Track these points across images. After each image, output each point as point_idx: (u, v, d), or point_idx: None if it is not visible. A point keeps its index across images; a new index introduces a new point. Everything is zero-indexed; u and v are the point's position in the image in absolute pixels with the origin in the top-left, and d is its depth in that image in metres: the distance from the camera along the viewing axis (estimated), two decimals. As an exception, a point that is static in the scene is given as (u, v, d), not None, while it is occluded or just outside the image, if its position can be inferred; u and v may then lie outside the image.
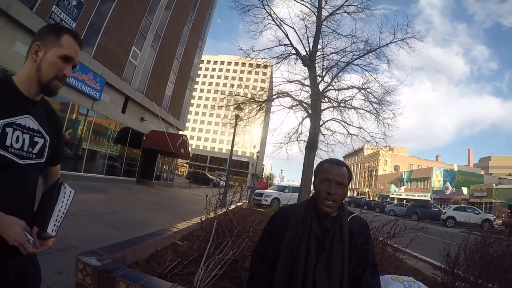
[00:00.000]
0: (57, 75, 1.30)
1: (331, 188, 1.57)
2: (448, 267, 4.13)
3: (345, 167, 1.66)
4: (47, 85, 1.30)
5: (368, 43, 12.79)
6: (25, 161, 1.26)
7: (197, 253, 3.52)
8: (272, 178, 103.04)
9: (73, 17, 12.63)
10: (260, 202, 20.64)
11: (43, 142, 1.35)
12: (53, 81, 1.30)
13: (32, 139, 1.29)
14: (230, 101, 14.97)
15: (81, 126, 14.95)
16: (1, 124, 1.18)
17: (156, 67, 21.22)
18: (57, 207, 1.23)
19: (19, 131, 1.24)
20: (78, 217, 6.64)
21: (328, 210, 1.59)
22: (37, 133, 1.32)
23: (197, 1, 26.92)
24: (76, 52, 1.35)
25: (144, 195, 14.60)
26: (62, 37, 1.31)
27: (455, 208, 27.41)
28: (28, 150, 1.28)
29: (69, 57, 1.32)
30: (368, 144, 13.91)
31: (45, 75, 1.28)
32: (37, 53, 1.28)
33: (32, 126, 1.30)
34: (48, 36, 1.30)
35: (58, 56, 1.29)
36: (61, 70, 1.30)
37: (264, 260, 1.70)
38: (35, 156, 1.31)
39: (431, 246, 5.25)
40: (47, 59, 1.28)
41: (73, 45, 1.34)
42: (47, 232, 1.19)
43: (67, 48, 1.31)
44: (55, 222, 1.21)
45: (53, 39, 1.29)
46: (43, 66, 1.27)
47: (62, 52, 1.29)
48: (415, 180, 65.29)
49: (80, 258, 2.59)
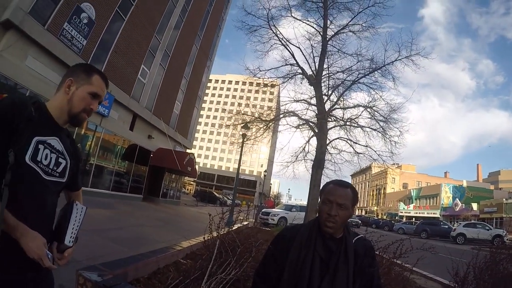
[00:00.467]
0: (85, 109, 1.46)
1: (332, 209, 1.56)
2: (457, 286, 4.02)
3: (349, 188, 1.65)
4: (76, 116, 1.46)
5: (374, 61, 12.92)
6: (49, 177, 1.37)
7: (199, 272, 3.48)
8: (279, 197, 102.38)
9: (84, 35, 12.95)
10: (267, 221, 20.46)
11: (65, 163, 1.47)
12: (82, 114, 1.46)
13: (57, 159, 1.42)
14: (237, 120, 15.05)
15: (89, 141, 15.13)
16: (35, 140, 1.31)
17: (164, 85, 21.52)
18: (72, 221, 1.39)
19: (48, 149, 1.37)
20: (84, 232, 6.58)
21: (328, 231, 1.57)
22: (61, 155, 1.44)
23: (206, 21, 27.49)
24: (103, 91, 1.53)
25: (150, 212, 14.56)
26: (93, 77, 1.48)
27: (465, 225, 26.85)
28: (53, 168, 1.39)
29: (97, 95, 1.49)
30: (375, 162, 13.82)
31: (75, 108, 1.44)
32: (70, 87, 1.44)
33: (58, 148, 1.43)
34: (80, 74, 1.47)
35: (88, 93, 1.46)
36: (89, 105, 1.47)
37: (266, 281, 1.68)
38: (58, 175, 1.43)
39: (441, 264, 5.13)
40: (78, 94, 1.44)
41: (101, 84, 1.52)
42: (65, 244, 1.35)
43: (96, 86, 1.48)
44: (71, 234, 1.38)
45: (85, 77, 1.47)
46: (74, 99, 1.44)
47: (92, 89, 1.47)
48: (424, 197, 64.30)
49: (81, 273, 2.58)
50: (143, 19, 17.64)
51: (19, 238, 1.21)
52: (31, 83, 10.94)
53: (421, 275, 7.22)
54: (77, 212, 1.42)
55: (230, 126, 15.60)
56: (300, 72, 13.71)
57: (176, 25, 21.91)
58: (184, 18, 22.95)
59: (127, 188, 18.63)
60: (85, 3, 12.81)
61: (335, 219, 1.55)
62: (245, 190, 76.80)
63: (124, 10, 15.76)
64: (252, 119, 14.36)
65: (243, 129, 14.76)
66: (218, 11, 30.46)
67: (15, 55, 10.47)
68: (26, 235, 1.21)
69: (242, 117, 14.69)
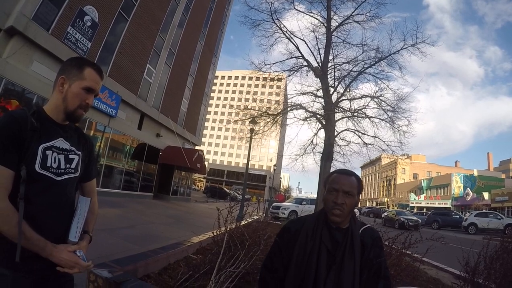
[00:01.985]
0: (81, 105, 1.45)
1: (338, 197, 1.55)
2: (468, 276, 3.99)
3: (354, 176, 1.64)
4: (72, 113, 1.45)
5: (379, 51, 12.80)
6: (61, 177, 1.41)
7: (209, 266, 3.51)
8: (289, 191, 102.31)
9: (88, 37, 13.04)
10: (278, 215, 20.49)
11: (78, 158, 1.51)
12: (78, 110, 1.46)
13: (67, 157, 1.46)
14: (245, 115, 15.07)
15: (98, 142, 15.28)
16: (41, 148, 1.34)
17: (170, 84, 21.60)
18: (76, 216, 1.43)
19: (56, 152, 1.40)
20: (95, 231, 6.64)
21: (336, 219, 1.56)
22: (71, 152, 1.48)
23: (209, 18, 27.46)
24: (97, 83, 1.50)
25: (160, 209, 14.66)
26: (84, 70, 1.46)
27: (476, 214, 26.52)
28: (65, 167, 1.44)
29: (91, 89, 1.47)
30: (385, 153, 13.73)
31: (71, 105, 1.44)
32: (63, 85, 1.44)
33: (65, 147, 1.45)
34: (71, 70, 1.45)
35: (82, 88, 1.44)
36: (84, 100, 1.46)
37: (273, 274, 1.67)
38: (73, 171, 1.48)
39: (452, 255, 5.09)
40: (72, 91, 1.43)
41: (94, 77, 1.48)
42: (70, 240, 1.39)
43: (89, 80, 1.46)
44: (76, 229, 1.41)
45: (76, 73, 1.45)
46: (68, 97, 1.43)
47: (85, 84, 1.45)
48: (434, 187, 63.86)
49: (92, 270, 2.62)
50: (146, 18, 17.69)
51: (49, 257, 1.30)
52: (38, 87, 11.06)
53: (432, 265, 7.17)
54: (80, 206, 1.46)
55: (238, 121, 15.62)
56: (305, 65, 13.66)
57: (179, 23, 21.92)
58: (188, 15, 22.96)
59: (138, 186, 18.82)
60: (87, 6, 12.88)
61: (342, 207, 1.55)
62: (255, 184, 77.03)
63: (126, 10, 15.82)
64: (259, 113, 14.35)
65: (250, 124, 14.77)
66: (221, 7, 30.38)
67: (21, 61, 10.60)
68: (54, 252, 1.30)
69: (250, 112, 14.70)
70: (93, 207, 1.61)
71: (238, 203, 9.20)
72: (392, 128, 12.77)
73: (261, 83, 77.82)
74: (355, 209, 1.67)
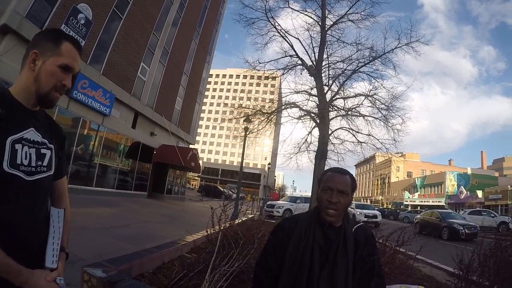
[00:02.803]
0: (56, 86, 1.20)
1: (333, 196, 1.55)
2: (462, 273, 4.03)
3: (348, 175, 1.64)
4: (45, 96, 1.20)
5: (373, 50, 12.85)
6: (33, 176, 1.17)
7: (203, 265, 3.51)
8: (284, 189, 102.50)
9: (82, 35, 12.95)
10: (272, 213, 20.53)
11: (50, 153, 1.26)
12: (52, 93, 1.20)
13: (39, 152, 1.21)
14: (239, 114, 15.06)
15: (92, 141, 15.23)
16: (9, 141, 1.09)
17: (164, 82, 21.54)
18: (51, 235, 1.18)
19: (26, 146, 1.15)
20: (89, 231, 6.70)
21: (330, 219, 1.56)
22: (42, 145, 1.23)
23: (203, 16, 27.40)
24: (76, 61, 1.25)
25: (155, 208, 14.64)
26: (62, 45, 1.21)
27: (470, 212, 26.71)
28: (37, 165, 1.19)
29: (69, 67, 1.22)
30: (379, 151, 13.80)
31: (44, 86, 1.18)
32: (35, 62, 1.18)
33: (37, 139, 1.20)
34: (46, 43, 1.20)
35: (58, 66, 1.19)
36: (61, 81, 1.20)
37: (267, 272, 1.67)
38: (46, 168, 1.23)
39: (446, 252, 5.14)
40: (46, 69, 1.18)
41: (73, 53, 1.24)
42: (47, 266, 1.14)
43: (67, 56, 1.21)
44: (52, 252, 1.16)
45: (52, 47, 1.20)
46: (41, 76, 1.17)
47: (62, 61, 1.20)
48: (428, 185, 64.42)
49: (86, 270, 2.62)
50: (140, 17, 17.60)
51: (23, 285, 1.05)
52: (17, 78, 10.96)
53: (426, 263, 7.23)
54: (53, 220, 1.21)
55: (232, 120, 15.62)
56: (300, 63, 13.68)
57: (174, 21, 21.85)
58: (182, 14, 22.88)
59: (132, 185, 18.77)
60: (81, 3, 12.80)
61: (336, 206, 1.54)
62: (250, 183, 77.00)
63: (120, 8, 15.73)
64: (253, 112, 14.35)
65: (245, 122, 14.78)
66: (216, 5, 30.32)
67: (14, 59, 10.48)
68: (30, 279, 1.06)
69: (244, 110, 14.70)
70: (67, 215, 1.33)
71: (233, 201, 9.21)
72: (386, 127, 12.84)
73: (256, 82, 77.70)
74: (354, 211, 1.68)
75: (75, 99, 13.16)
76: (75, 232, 6.54)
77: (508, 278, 3.71)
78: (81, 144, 14.36)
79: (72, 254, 4.20)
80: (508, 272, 3.74)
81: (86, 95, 13.65)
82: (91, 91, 13.90)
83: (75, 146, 13.77)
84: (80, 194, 13.32)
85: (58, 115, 12.50)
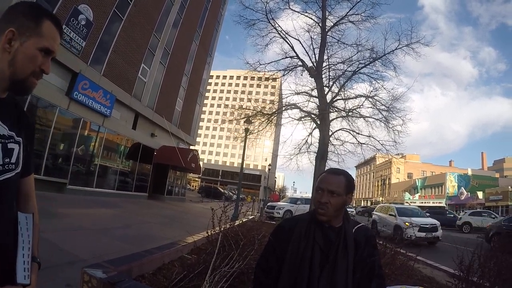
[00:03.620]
0: (34, 72, 1.04)
1: (323, 197, 1.56)
2: (463, 274, 4.03)
3: (343, 175, 1.64)
4: (22, 82, 1.04)
5: (374, 51, 12.88)
6: (1, 176, 1.00)
7: (203, 266, 3.51)
8: (284, 191, 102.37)
9: (83, 36, 12.97)
10: (273, 214, 20.52)
11: (18, 148, 1.08)
12: (30, 78, 1.04)
13: (5, 147, 1.02)
14: (240, 115, 15.08)
15: (92, 142, 15.24)
16: None
17: (165, 83, 21.55)
18: (20, 247, 1.02)
19: None
20: (90, 231, 6.71)
21: (321, 218, 1.56)
22: (10, 139, 1.05)
23: (204, 17, 27.43)
24: (57, 43, 1.10)
25: (155, 209, 14.64)
26: (43, 24, 1.04)
27: (470, 213, 26.75)
28: (4, 162, 1.01)
29: (50, 50, 1.06)
30: (379, 153, 13.80)
31: (21, 71, 1.01)
32: (11, 43, 1.00)
33: (3, 132, 1.02)
34: (25, 21, 1.02)
35: (38, 48, 1.03)
36: (40, 65, 1.05)
37: (267, 274, 1.66)
38: (14, 166, 1.06)
39: (446, 254, 5.13)
40: (25, 52, 1.01)
41: (55, 34, 1.08)
42: (19, 284, 0.98)
43: (48, 38, 1.05)
44: (23, 266, 1.00)
45: (32, 26, 1.03)
46: (18, 59, 1.00)
47: (43, 43, 1.04)
48: (429, 186, 64.41)
49: (86, 270, 2.61)
50: (141, 18, 17.62)
51: None
52: (32, 87, 10.97)
53: (427, 264, 7.22)
54: (21, 228, 1.05)
55: (233, 121, 15.63)
56: (300, 64, 13.70)
57: (174, 22, 21.87)
58: (183, 15, 22.91)
59: (132, 186, 18.76)
60: (82, 4, 12.81)
61: (326, 206, 1.55)
62: (250, 184, 77.00)
63: (121, 9, 15.75)
64: (254, 113, 14.37)
65: (245, 123, 14.79)
66: (216, 6, 30.36)
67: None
68: None
69: (244, 111, 14.71)
70: (35, 218, 1.13)
71: (233, 202, 9.20)
72: (387, 128, 12.86)
73: (256, 83, 77.70)
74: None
75: (75, 100, 13.16)
76: (75, 233, 6.57)
77: (509, 279, 3.71)
78: (81, 145, 14.37)
79: (72, 254, 4.19)
80: (509, 273, 3.74)
81: (86, 96, 13.66)
82: (91, 92, 13.92)
83: (76, 147, 13.78)
84: (80, 195, 13.33)
85: (58, 116, 12.52)
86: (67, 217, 7.97)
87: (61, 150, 13.52)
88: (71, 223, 7.17)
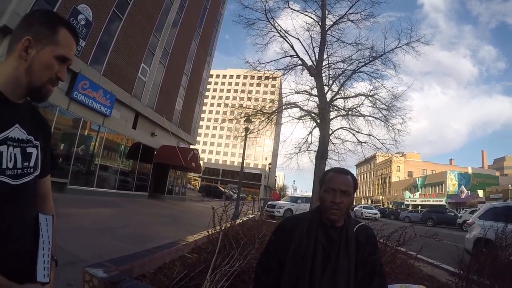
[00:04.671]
0: (51, 79, 1.06)
1: (336, 197, 1.56)
2: (463, 273, 4.03)
3: (350, 175, 1.65)
4: (39, 90, 1.06)
5: (374, 50, 12.84)
6: (19, 180, 1.03)
7: (204, 265, 3.51)
8: (285, 189, 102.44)
9: (82, 36, 12.97)
10: (273, 213, 20.51)
11: (36, 151, 1.12)
12: (47, 86, 1.06)
13: (24, 151, 1.06)
14: (240, 114, 15.07)
15: (93, 142, 15.25)
16: None
17: (165, 83, 21.56)
18: (41, 246, 1.06)
19: (11, 146, 1.01)
20: (90, 231, 6.72)
21: (333, 218, 1.57)
22: (28, 143, 1.08)
23: (204, 17, 27.42)
24: (73, 51, 1.12)
25: (156, 209, 14.64)
26: (59, 32, 1.06)
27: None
28: (23, 166, 1.05)
29: (66, 58, 1.08)
30: (379, 151, 13.79)
31: (38, 79, 1.03)
32: (27, 50, 1.02)
33: (21, 136, 1.05)
34: (41, 29, 1.04)
35: (54, 57, 1.05)
36: (56, 73, 1.07)
37: (268, 272, 1.67)
38: (32, 169, 1.10)
39: (447, 252, 5.13)
40: (41, 60, 1.03)
41: (71, 42, 1.10)
42: (38, 282, 1.02)
43: (64, 46, 1.07)
44: (43, 265, 1.05)
45: (49, 34, 1.04)
46: (35, 67, 1.02)
47: (59, 52, 1.05)
48: (429, 185, 64.41)
49: (87, 270, 2.62)
50: (140, 17, 17.62)
51: None
52: None
53: (427, 262, 7.22)
54: (42, 229, 1.09)
55: (233, 120, 15.62)
56: (300, 63, 13.67)
57: (174, 22, 21.87)
58: (182, 14, 22.90)
59: (133, 186, 18.78)
60: (82, 4, 12.82)
61: (340, 206, 1.55)
62: (250, 183, 76.96)
63: (121, 9, 15.75)
64: (254, 112, 14.35)
65: (245, 122, 14.78)
66: (216, 6, 30.34)
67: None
68: None
69: (244, 110, 14.69)
70: (54, 220, 1.19)
71: (233, 202, 9.21)
72: (387, 127, 12.83)
73: (256, 82, 77.73)
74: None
75: (75, 100, 13.17)
76: (76, 233, 6.57)
77: (509, 277, 3.71)
78: (81, 145, 14.38)
79: (73, 254, 4.21)
80: (508, 271, 3.75)
81: (86, 96, 13.67)
82: (91, 92, 13.93)
83: (76, 147, 13.80)
84: (81, 194, 13.34)
85: (58, 116, 12.53)
86: (67, 216, 7.97)
87: (62, 150, 13.52)
88: (71, 223, 7.17)
